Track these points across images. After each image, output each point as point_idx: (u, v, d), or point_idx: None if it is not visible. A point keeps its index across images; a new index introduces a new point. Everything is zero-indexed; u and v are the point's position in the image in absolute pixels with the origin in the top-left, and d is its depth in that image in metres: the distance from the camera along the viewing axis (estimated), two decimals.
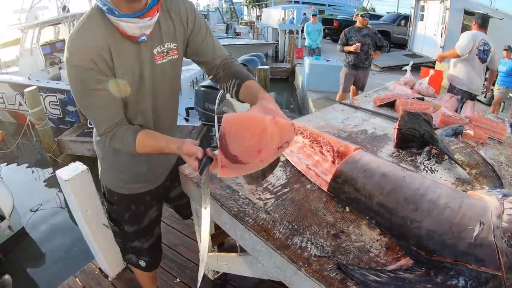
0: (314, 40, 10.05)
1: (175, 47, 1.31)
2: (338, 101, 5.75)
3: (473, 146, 2.08)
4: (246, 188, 1.38)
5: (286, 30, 14.56)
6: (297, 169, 1.54)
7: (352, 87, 5.99)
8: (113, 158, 1.47)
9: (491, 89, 8.50)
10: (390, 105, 2.69)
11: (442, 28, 11.77)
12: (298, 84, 10.85)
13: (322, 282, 0.96)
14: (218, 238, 1.96)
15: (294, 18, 17.33)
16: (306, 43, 10.36)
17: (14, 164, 7.37)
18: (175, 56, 1.32)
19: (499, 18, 10.98)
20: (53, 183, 6.20)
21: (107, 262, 2.39)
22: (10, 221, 4.53)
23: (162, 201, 1.78)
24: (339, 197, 1.31)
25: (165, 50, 1.28)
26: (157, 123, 1.40)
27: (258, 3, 26.66)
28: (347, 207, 1.29)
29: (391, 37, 15.68)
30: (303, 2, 21.39)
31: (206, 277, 2.16)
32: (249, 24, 26.16)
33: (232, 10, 31.62)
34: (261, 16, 22.53)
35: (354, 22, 5.74)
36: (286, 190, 1.39)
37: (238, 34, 21.35)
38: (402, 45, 15.73)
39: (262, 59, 9.84)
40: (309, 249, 1.07)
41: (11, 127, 8.98)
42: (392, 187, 1.19)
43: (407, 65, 3.79)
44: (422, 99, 2.78)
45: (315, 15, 10.08)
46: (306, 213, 1.25)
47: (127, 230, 1.64)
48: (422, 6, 13.68)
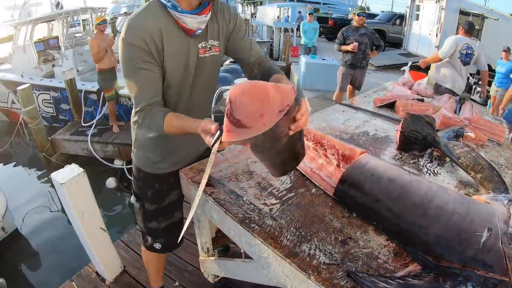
0: (310, 38, 10.02)
1: (217, 45, 1.46)
2: (335, 100, 5.79)
3: (473, 148, 2.07)
4: (251, 193, 1.36)
5: (281, 28, 14.50)
6: (301, 172, 1.52)
7: (348, 87, 5.98)
8: (144, 138, 1.59)
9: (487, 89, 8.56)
10: (390, 106, 2.68)
11: (438, 27, 11.82)
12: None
13: None
14: (219, 241, 1.94)
15: (289, 16, 17.26)
16: (302, 42, 10.32)
17: (6, 163, 7.29)
18: (217, 52, 1.47)
19: (494, 19, 11.06)
20: (47, 183, 6.15)
21: (104, 265, 2.36)
22: (3, 222, 4.47)
23: None
24: (346, 201, 1.30)
25: (208, 46, 1.43)
26: (189, 115, 1.41)
27: (253, 1, 26.56)
28: (354, 212, 1.28)
29: (386, 36, 15.72)
30: (298, 0, 21.33)
31: (207, 281, 2.14)
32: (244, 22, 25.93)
33: None
34: (256, 14, 22.41)
35: (349, 20, 5.73)
36: (291, 194, 1.37)
37: None
38: (397, 44, 15.78)
39: None
40: (317, 256, 1.06)
41: (4, 126, 8.86)
42: (399, 192, 1.18)
43: (405, 64, 3.77)
44: (422, 100, 2.77)
45: (312, 14, 10.05)
46: (312, 218, 1.23)
47: (147, 208, 1.74)
48: (418, 6, 13.74)
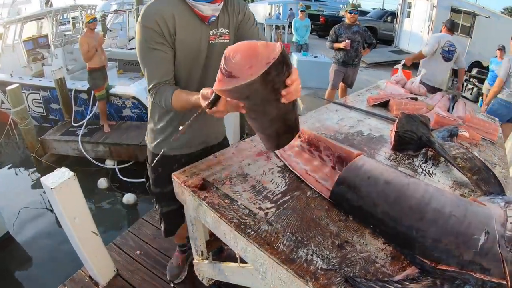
0: (302, 36, 9.98)
1: (227, 33, 1.58)
2: (327, 98, 5.81)
3: (467, 148, 2.07)
4: (245, 197, 1.33)
5: (272, 25, 14.47)
6: (296, 174, 1.50)
7: (340, 84, 5.99)
8: (157, 119, 1.72)
9: (478, 86, 8.61)
10: (384, 104, 2.68)
11: (429, 25, 11.86)
12: None
13: None
14: (213, 244, 1.91)
15: (280, 13, 17.23)
16: (293, 39, 10.29)
17: None
18: (227, 40, 1.58)
19: (486, 16, 11.13)
20: (38, 185, 6.06)
21: (97, 269, 2.33)
22: None
23: None
24: (342, 205, 1.28)
25: (218, 34, 1.54)
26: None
27: None
28: (350, 215, 1.26)
29: (378, 33, 15.77)
30: None
31: (201, 282, 2.11)
32: None
33: None
34: None
35: (341, 17, 5.75)
36: (287, 198, 1.35)
37: None
38: (388, 41, 15.84)
39: None
40: (315, 262, 1.04)
41: None
42: (396, 195, 1.17)
43: (397, 62, 3.79)
44: (416, 99, 2.77)
45: (304, 11, 10.02)
46: (309, 222, 1.21)
47: (152, 190, 1.90)
48: (409, 3, 13.78)
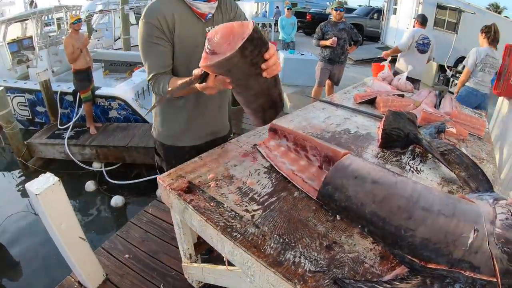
0: (289, 34, 9.97)
1: None
2: (314, 96, 5.82)
3: (454, 143, 2.08)
4: (231, 199, 1.31)
5: (259, 23, 14.45)
6: (282, 175, 1.48)
7: (327, 82, 5.99)
8: (164, 112, 1.85)
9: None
10: (371, 102, 2.67)
11: (415, 21, 11.90)
12: None
13: None
14: (201, 247, 1.89)
15: (266, 12, 17.22)
16: (280, 37, 10.27)
17: None
18: None
19: (471, 12, 11.21)
20: (24, 190, 5.95)
21: (86, 275, 2.29)
22: None
23: None
24: (329, 205, 1.26)
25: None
26: (202, 99, 1.77)
27: None
28: (338, 215, 1.25)
29: (364, 30, 15.84)
30: None
31: (191, 285, 2.09)
32: None
33: None
34: None
35: (327, 15, 5.77)
36: (273, 199, 1.33)
37: None
38: (374, 38, 15.92)
39: None
40: (303, 264, 1.02)
41: None
42: (384, 195, 1.15)
43: (384, 59, 3.81)
44: (402, 96, 2.77)
45: (290, 9, 10.01)
46: (296, 224, 1.19)
47: None
48: (395, 0, 13.83)
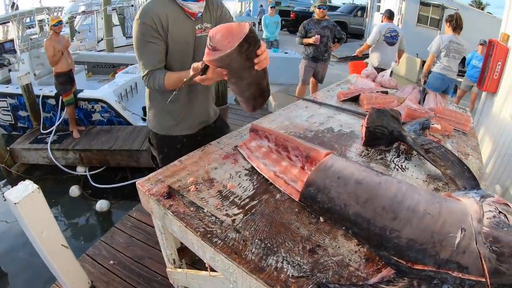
0: (272, 32, 9.95)
1: (210, 26, 1.84)
2: (298, 94, 5.80)
3: (439, 139, 2.06)
4: (211, 203, 1.26)
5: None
6: (264, 177, 1.44)
7: (311, 80, 5.98)
8: (158, 105, 1.95)
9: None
10: (354, 99, 2.65)
11: (399, 19, 11.97)
12: None
13: None
14: (185, 252, 1.84)
15: (250, 10, 17.19)
16: (264, 36, 10.23)
17: None
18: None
19: (454, 9, 11.32)
20: None
21: (70, 283, 2.23)
22: None
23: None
24: (312, 207, 1.23)
25: (203, 27, 1.82)
26: (191, 92, 1.94)
27: None
28: (321, 217, 1.21)
29: (348, 28, 15.91)
30: None
31: None
32: None
33: None
34: None
35: (311, 13, 5.75)
36: (255, 202, 1.29)
37: None
38: (359, 35, 15.99)
39: None
40: (285, 269, 0.98)
41: None
42: (368, 196, 1.12)
43: (367, 56, 3.82)
44: (386, 93, 2.75)
45: (274, 7, 9.98)
46: (278, 227, 1.15)
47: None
48: None
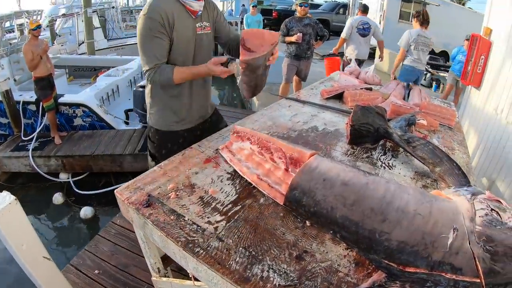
0: None
1: (208, 25, 2.00)
2: (281, 92, 5.77)
3: (425, 135, 2.03)
4: (193, 210, 1.20)
5: None
6: (247, 180, 1.38)
7: (294, 78, 5.95)
8: (161, 101, 2.03)
9: (431, 72, 8.86)
10: (338, 97, 2.61)
11: (381, 15, 12.03)
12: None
13: None
14: (170, 260, 1.77)
15: (232, 10, 17.11)
16: None
17: None
18: (209, 31, 2.02)
19: (436, 5, 11.44)
20: None
21: None
22: None
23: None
24: (298, 211, 1.17)
25: (202, 26, 1.96)
26: (192, 88, 2.05)
27: None
28: (308, 221, 1.16)
29: (330, 25, 15.94)
30: None
31: None
32: None
33: None
34: None
35: (293, 11, 5.74)
36: (238, 208, 1.23)
37: None
38: (341, 33, 16.02)
39: None
40: (271, 278, 0.93)
41: None
42: (355, 197, 1.07)
43: (335, 54, 3.85)
44: (370, 89, 2.73)
45: (255, 6, 9.93)
46: (263, 234, 1.10)
47: None
48: None
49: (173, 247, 1.11)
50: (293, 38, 5.33)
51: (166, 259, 1.78)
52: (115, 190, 1.36)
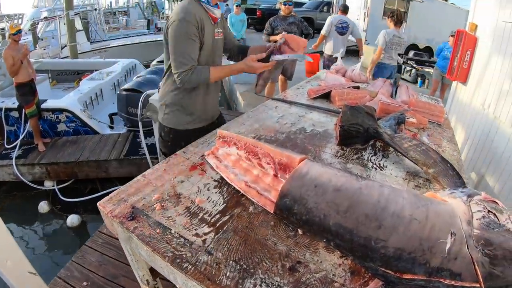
0: (238, 31, 9.88)
1: (222, 31, 2.15)
2: (267, 92, 5.72)
3: (415, 133, 2.01)
4: (179, 222, 1.14)
5: None
6: (235, 188, 1.32)
7: (280, 77, 5.91)
8: (179, 102, 2.11)
9: (415, 68, 8.90)
10: (325, 96, 2.58)
11: (365, 12, 12.06)
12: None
13: None
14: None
15: None
16: None
17: None
18: (221, 37, 2.17)
19: (419, 1, 11.52)
20: None
21: None
22: None
23: None
24: (289, 219, 1.13)
25: (218, 31, 2.10)
26: (209, 88, 2.16)
27: None
28: (300, 229, 1.11)
29: (315, 23, 15.93)
30: None
31: None
32: None
33: (152, 4, 30.51)
34: None
35: (278, 10, 5.70)
36: (226, 218, 1.17)
37: (160, 30, 20.77)
38: None
39: None
40: None
41: None
42: (349, 204, 1.03)
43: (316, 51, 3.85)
44: (358, 87, 2.69)
45: (239, 6, 9.89)
46: (253, 245, 1.05)
47: None
48: None
49: (160, 262, 1.05)
50: (278, 37, 5.27)
51: (155, 270, 1.73)
52: (98, 203, 1.30)
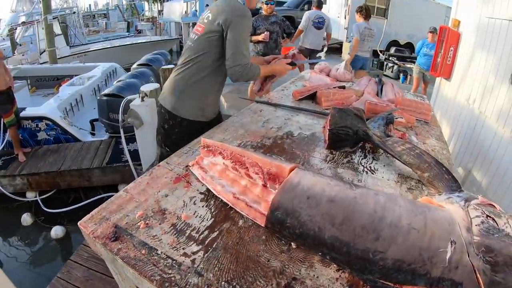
0: None
1: None
2: (250, 95, 5.64)
3: (404, 133, 1.98)
4: (165, 241, 1.07)
5: (189, 23, 14.17)
6: (222, 200, 1.25)
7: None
8: (197, 96, 2.13)
9: (397, 64, 8.97)
10: (311, 97, 2.54)
11: (346, 10, 12.11)
12: None
13: None
14: None
15: (197, 10, 16.87)
16: None
17: None
18: None
19: None
20: None
21: None
22: None
23: None
24: (281, 233, 1.07)
25: None
26: (223, 84, 2.24)
27: None
28: (293, 243, 1.06)
29: (296, 22, 15.94)
30: None
31: None
32: (151, 20, 25.50)
33: (132, 6, 30.21)
34: (163, 11, 21.79)
35: (259, 9, 5.65)
36: (215, 234, 1.10)
37: (140, 32, 20.58)
38: None
39: (166, 57, 9.45)
40: None
41: None
42: (344, 215, 0.98)
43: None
44: (343, 87, 2.66)
45: None
46: (246, 262, 0.99)
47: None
48: None
49: (148, 285, 0.99)
50: (260, 37, 5.24)
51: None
52: (79, 223, 1.21)
